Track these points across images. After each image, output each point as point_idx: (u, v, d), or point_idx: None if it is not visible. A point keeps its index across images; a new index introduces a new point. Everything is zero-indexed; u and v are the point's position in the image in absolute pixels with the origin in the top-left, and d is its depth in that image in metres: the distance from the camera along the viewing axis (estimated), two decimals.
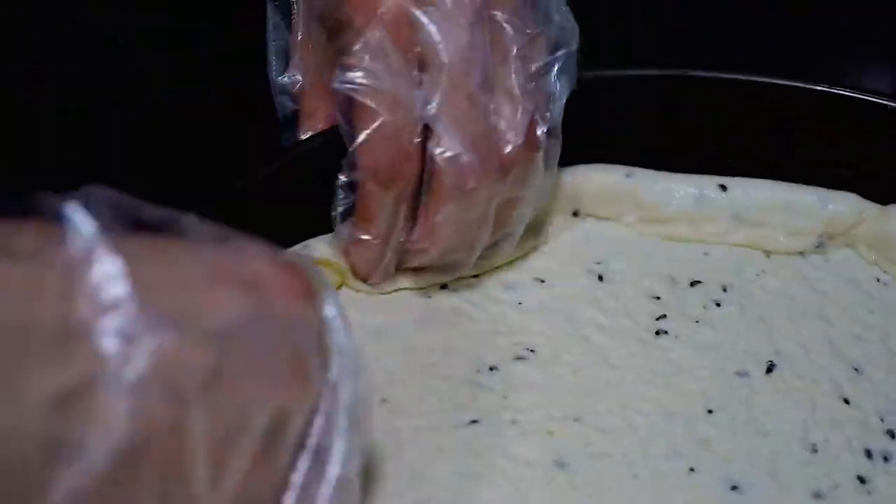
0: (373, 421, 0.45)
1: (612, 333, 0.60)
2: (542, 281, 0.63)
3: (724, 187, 0.64)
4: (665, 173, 0.65)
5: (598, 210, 0.66)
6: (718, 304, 0.61)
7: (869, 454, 0.54)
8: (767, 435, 0.55)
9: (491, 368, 0.58)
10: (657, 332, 0.60)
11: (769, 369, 0.58)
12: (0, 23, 0.70)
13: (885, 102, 0.64)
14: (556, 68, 0.58)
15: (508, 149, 0.56)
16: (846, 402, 0.56)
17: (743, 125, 0.66)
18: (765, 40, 0.88)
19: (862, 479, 0.53)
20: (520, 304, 0.61)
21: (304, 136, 0.63)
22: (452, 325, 0.60)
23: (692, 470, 0.53)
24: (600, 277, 0.63)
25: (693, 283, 0.63)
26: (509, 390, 0.57)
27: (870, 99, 0.64)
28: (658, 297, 0.62)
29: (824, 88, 0.64)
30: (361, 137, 0.54)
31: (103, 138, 0.71)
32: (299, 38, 0.62)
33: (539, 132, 0.57)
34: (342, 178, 0.57)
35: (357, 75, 0.54)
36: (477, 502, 0.52)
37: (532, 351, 0.59)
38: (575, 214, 0.66)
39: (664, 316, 0.61)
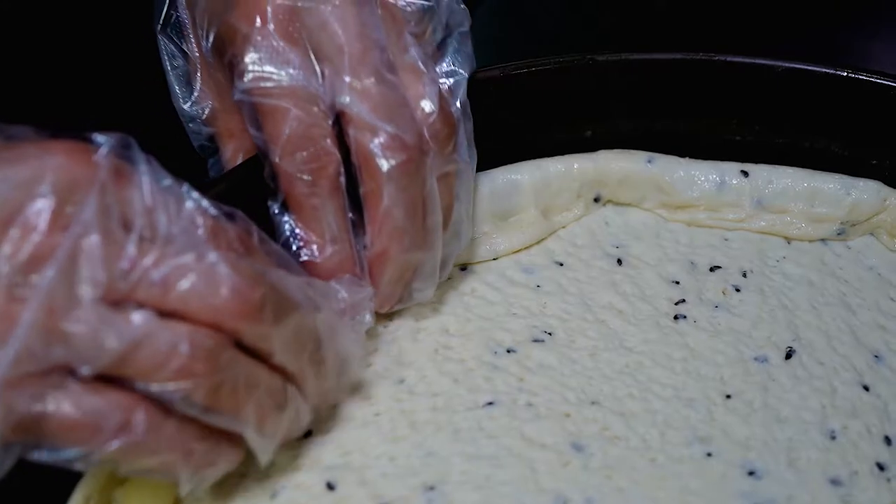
0: None
1: (629, 317, 0.59)
2: (561, 264, 0.63)
3: (746, 173, 0.64)
4: (687, 159, 0.65)
5: (619, 195, 0.65)
6: (738, 290, 0.61)
7: (888, 441, 0.53)
8: (786, 421, 0.54)
9: (508, 351, 0.58)
10: (675, 317, 0.59)
11: (788, 355, 0.57)
12: None
13: None
14: (451, 48, 0.58)
15: (426, 118, 0.54)
16: (866, 389, 0.56)
17: (766, 110, 0.66)
18: (783, 24, 0.88)
19: (881, 466, 0.52)
20: (538, 286, 0.61)
21: (229, 157, 0.61)
22: (470, 307, 0.60)
23: (709, 455, 0.53)
24: (619, 261, 0.63)
25: (713, 269, 0.62)
26: (525, 373, 0.57)
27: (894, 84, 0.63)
28: (677, 282, 0.61)
29: (849, 73, 0.64)
30: (280, 140, 0.52)
31: None
32: (197, 61, 0.61)
33: (451, 106, 0.56)
34: (273, 205, 0.54)
35: (254, 80, 0.52)
36: (491, 483, 0.52)
37: (549, 334, 0.59)
38: (596, 200, 0.65)
39: (683, 301, 0.60)
